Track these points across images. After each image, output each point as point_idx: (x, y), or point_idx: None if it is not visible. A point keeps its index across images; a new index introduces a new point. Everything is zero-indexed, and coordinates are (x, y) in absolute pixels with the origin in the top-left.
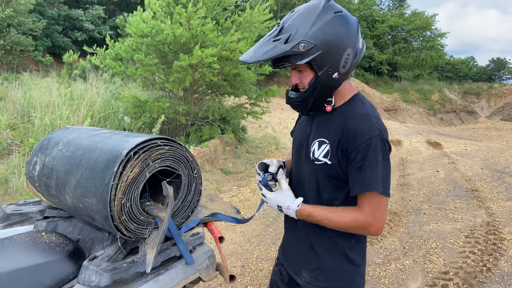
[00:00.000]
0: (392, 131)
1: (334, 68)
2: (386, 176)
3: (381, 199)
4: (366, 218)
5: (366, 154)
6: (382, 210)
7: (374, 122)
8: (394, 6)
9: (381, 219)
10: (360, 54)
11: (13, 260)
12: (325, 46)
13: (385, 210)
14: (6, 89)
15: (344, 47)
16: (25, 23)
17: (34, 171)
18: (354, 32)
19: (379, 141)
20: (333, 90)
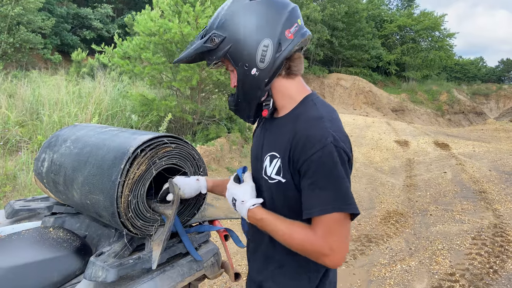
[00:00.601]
0: (399, 131)
1: (250, 64)
2: (344, 192)
3: (338, 221)
4: (318, 242)
5: (318, 167)
6: (340, 235)
7: (328, 127)
8: (402, 6)
9: (338, 248)
10: (289, 43)
11: (21, 255)
12: (236, 38)
13: (344, 235)
14: (15, 86)
15: (258, 38)
16: (34, 21)
17: (42, 167)
18: (273, 20)
19: (333, 150)
20: (260, 91)
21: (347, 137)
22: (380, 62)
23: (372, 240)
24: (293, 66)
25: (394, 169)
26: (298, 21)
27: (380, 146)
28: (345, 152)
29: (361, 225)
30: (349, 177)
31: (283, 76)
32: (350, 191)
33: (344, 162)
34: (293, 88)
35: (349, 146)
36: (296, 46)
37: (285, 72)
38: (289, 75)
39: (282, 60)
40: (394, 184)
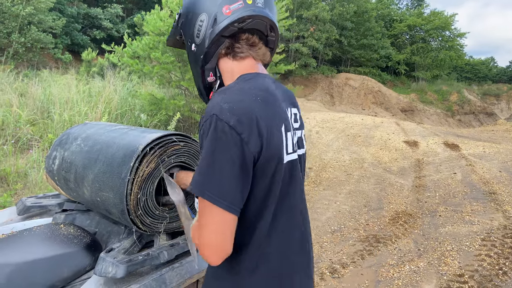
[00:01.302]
0: (408, 132)
1: (191, 39)
2: (205, 174)
3: (204, 209)
4: (194, 231)
5: (201, 144)
6: (208, 224)
7: (221, 99)
8: (412, 6)
9: (204, 239)
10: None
11: (32, 251)
12: (184, 12)
13: (212, 225)
14: (26, 85)
15: (197, 13)
16: (45, 21)
17: (53, 165)
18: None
19: (213, 122)
20: (200, 69)
21: (249, 116)
22: (390, 62)
23: (380, 240)
24: (237, 47)
25: (403, 169)
26: (248, 0)
27: (388, 146)
28: (229, 125)
29: (369, 225)
30: (233, 161)
31: (228, 57)
32: (218, 175)
33: (225, 137)
34: (238, 68)
35: (246, 125)
36: (236, 23)
37: (226, 51)
38: (234, 56)
39: (215, 36)
40: (403, 184)
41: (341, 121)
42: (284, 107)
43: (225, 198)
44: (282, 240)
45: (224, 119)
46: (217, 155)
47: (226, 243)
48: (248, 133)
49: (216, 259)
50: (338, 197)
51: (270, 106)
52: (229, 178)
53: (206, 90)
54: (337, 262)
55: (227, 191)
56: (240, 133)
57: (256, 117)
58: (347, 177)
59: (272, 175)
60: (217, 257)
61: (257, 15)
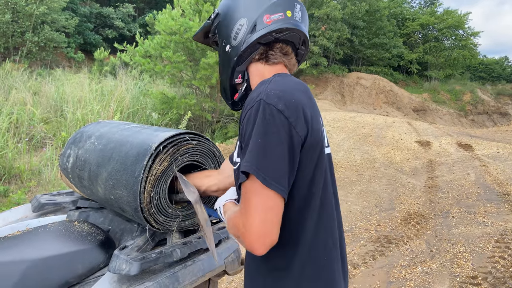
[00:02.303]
0: (420, 132)
1: (227, 40)
2: (258, 154)
3: (253, 190)
4: (237, 217)
5: (246, 129)
6: (255, 208)
7: (264, 88)
8: (425, 4)
9: (250, 225)
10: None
11: (47, 248)
12: (223, 13)
13: (259, 209)
14: (40, 84)
15: (237, 16)
16: (58, 20)
17: (67, 163)
18: (258, 2)
19: (260, 107)
20: (231, 70)
21: (294, 102)
22: (402, 61)
23: (392, 241)
24: (271, 54)
25: (415, 169)
26: (288, 12)
27: (400, 146)
28: (277, 109)
29: (381, 225)
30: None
31: (260, 62)
32: (270, 157)
33: (273, 120)
34: (270, 72)
35: (293, 110)
36: (274, 33)
37: (259, 56)
38: (267, 61)
39: (253, 42)
40: (415, 185)
41: (352, 120)
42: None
43: (278, 180)
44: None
45: (272, 103)
46: (268, 138)
47: (274, 231)
48: (295, 118)
49: (263, 249)
50: (349, 197)
51: (310, 98)
52: (280, 160)
53: (231, 91)
54: (348, 263)
55: (279, 173)
56: (288, 117)
57: (301, 104)
58: (358, 177)
59: (316, 163)
60: (264, 246)
61: (294, 28)
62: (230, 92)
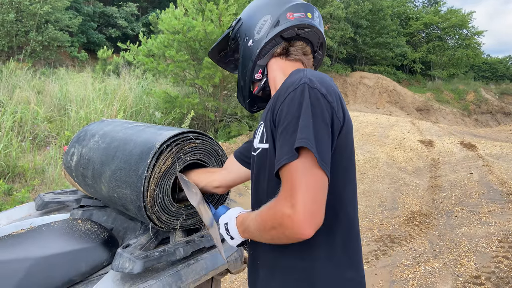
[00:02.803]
0: (424, 131)
1: (249, 35)
2: (316, 137)
3: (303, 168)
4: (280, 202)
5: (288, 109)
6: (306, 186)
7: (304, 75)
8: (429, 3)
9: (301, 203)
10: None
11: (51, 246)
12: (246, 16)
13: (311, 187)
14: (44, 83)
15: (261, 15)
16: (62, 19)
17: (71, 161)
18: (278, 3)
19: (305, 90)
20: (252, 63)
21: (333, 88)
22: (405, 61)
23: (395, 240)
24: (293, 50)
25: (418, 169)
26: (308, 14)
27: (404, 146)
28: (321, 92)
29: (384, 225)
30: (327, 125)
31: (281, 57)
32: (322, 138)
33: (319, 103)
34: (291, 68)
35: (333, 96)
36: (296, 29)
37: (281, 51)
38: (287, 56)
39: (276, 34)
40: (418, 184)
41: (355, 120)
42: None
43: (326, 161)
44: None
45: (316, 87)
46: (317, 119)
47: (323, 211)
48: (336, 104)
49: (313, 229)
50: None
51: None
52: (327, 142)
53: (249, 90)
54: None
55: (327, 155)
56: (331, 102)
57: (338, 93)
58: (361, 176)
59: (350, 150)
60: (315, 226)
61: (315, 27)
62: (248, 91)
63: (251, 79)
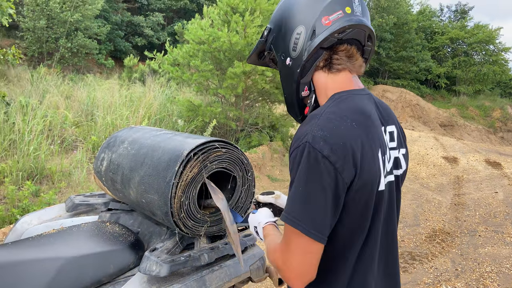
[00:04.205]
0: (447, 147)
1: (286, 53)
2: (298, 204)
3: (292, 236)
4: (278, 252)
5: (292, 167)
6: (295, 251)
7: (315, 125)
8: (455, 18)
9: (291, 265)
10: (324, 30)
11: (81, 247)
12: (277, 27)
13: (299, 253)
14: (72, 88)
15: (293, 26)
16: (91, 27)
17: (101, 166)
18: (311, 6)
19: (305, 150)
20: (295, 84)
21: (342, 144)
22: (430, 75)
23: (416, 258)
24: (335, 59)
25: (441, 186)
26: (347, 9)
27: (426, 162)
28: (323, 154)
29: (405, 241)
30: (325, 189)
31: (324, 70)
32: (311, 205)
33: (317, 167)
34: (333, 84)
35: (340, 153)
36: (336, 34)
37: (324, 63)
38: (330, 69)
39: (315, 48)
40: (441, 201)
41: None
42: (380, 128)
43: (318, 229)
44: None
45: (317, 148)
46: (310, 185)
47: (312, 271)
48: (342, 163)
49: (301, 285)
50: None
51: (366, 130)
52: (321, 208)
53: (300, 105)
54: None
55: (319, 222)
56: (334, 162)
57: (351, 146)
58: None
59: (365, 202)
60: (302, 283)
61: (358, 24)
62: (299, 107)
63: (298, 98)
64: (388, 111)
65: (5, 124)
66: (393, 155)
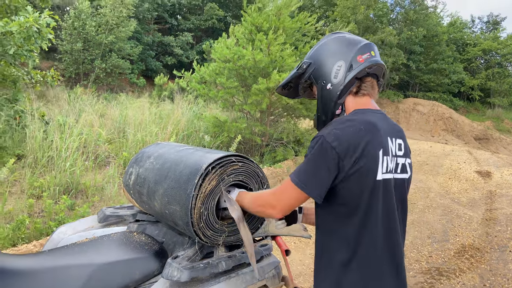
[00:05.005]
0: (481, 161)
1: (327, 80)
2: (305, 171)
3: (290, 186)
4: (271, 196)
5: (307, 152)
6: (289, 196)
7: (332, 127)
8: (487, 29)
9: (281, 202)
10: (359, 65)
11: (111, 254)
12: (319, 61)
13: (290, 197)
14: (106, 107)
15: (334, 60)
16: (124, 48)
17: (129, 180)
18: (348, 47)
19: (320, 140)
20: (333, 103)
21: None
22: (462, 87)
23: (443, 273)
24: (363, 86)
25: (473, 201)
26: (372, 52)
27: (458, 176)
28: (331, 146)
29: (433, 257)
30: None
31: (353, 94)
32: (309, 174)
33: (325, 153)
34: (357, 104)
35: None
36: (367, 68)
37: (356, 90)
38: (357, 93)
39: (352, 77)
40: (471, 217)
41: None
42: (386, 136)
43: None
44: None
45: (329, 140)
46: (318, 163)
47: (290, 210)
48: (345, 153)
49: (280, 216)
50: None
51: (371, 135)
52: (319, 178)
53: (331, 119)
54: None
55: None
56: (339, 152)
57: (354, 143)
58: (410, 206)
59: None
60: (281, 215)
61: (380, 63)
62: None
63: (332, 115)
64: (398, 129)
65: (44, 142)
66: (400, 162)
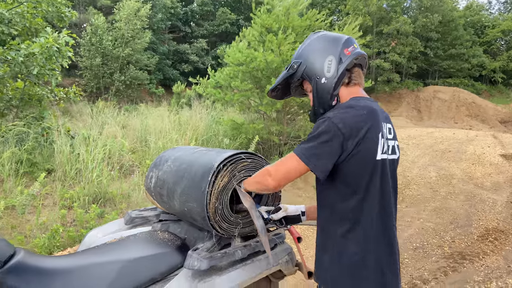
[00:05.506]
0: (507, 145)
1: (320, 75)
2: (310, 148)
3: (292, 158)
4: (270, 167)
5: (313, 130)
6: (286, 166)
7: (337, 111)
8: (505, 10)
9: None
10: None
11: (138, 251)
12: (309, 60)
13: (289, 167)
14: (127, 118)
15: (324, 56)
16: (141, 59)
17: (150, 183)
18: (334, 43)
19: (326, 122)
20: (330, 95)
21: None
22: (484, 71)
23: (466, 257)
24: (353, 76)
25: (497, 184)
26: (355, 45)
27: (482, 161)
28: (338, 127)
29: (455, 242)
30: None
31: (345, 85)
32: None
33: (330, 130)
34: (350, 93)
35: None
36: (354, 60)
37: (347, 81)
38: (349, 83)
39: (343, 70)
40: (496, 200)
41: (429, 136)
42: (381, 121)
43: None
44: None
45: (335, 122)
46: (318, 140)
47: (287, 182)
48: (349, 134)
49: (276, 187)
50: (422, 214)
51: (372, 119)
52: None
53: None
54: (418, 278)
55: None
56: (344, 133)
57: (357, 125)
58: (433, 193)
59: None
60: (278, 186)
61: (364, 54)
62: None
63: (329, 106)
64: (386, 115)
65: (71, 155)
66: (391, 144)
